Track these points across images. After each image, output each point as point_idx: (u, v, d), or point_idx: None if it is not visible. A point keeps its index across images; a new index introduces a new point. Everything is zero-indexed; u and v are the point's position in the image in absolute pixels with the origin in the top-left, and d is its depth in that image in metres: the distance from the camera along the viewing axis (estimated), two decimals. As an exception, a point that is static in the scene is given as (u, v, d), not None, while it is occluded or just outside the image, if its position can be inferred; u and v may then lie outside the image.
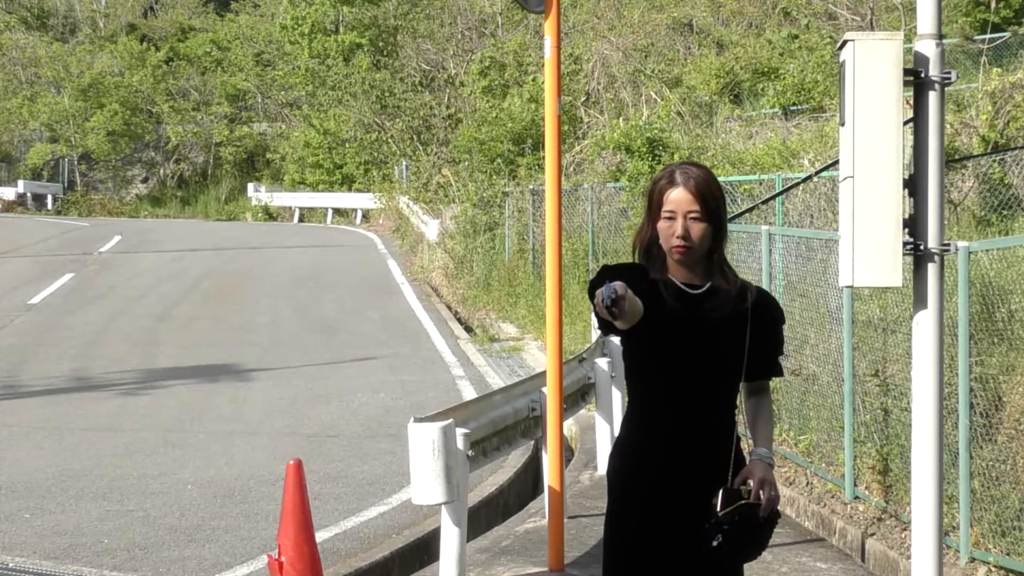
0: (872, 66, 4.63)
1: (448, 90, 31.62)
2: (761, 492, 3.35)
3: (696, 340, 3.39)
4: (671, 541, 3.39)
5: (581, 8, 28.20)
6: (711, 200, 3.38)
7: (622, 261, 3.57)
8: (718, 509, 3.32)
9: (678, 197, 3.37)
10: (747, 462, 3.46)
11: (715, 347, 3.41)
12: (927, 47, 4.74)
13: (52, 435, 10.34)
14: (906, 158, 4.82)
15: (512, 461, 9.26)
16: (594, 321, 9.01)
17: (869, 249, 4.66)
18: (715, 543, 3.30)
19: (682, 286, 3.42)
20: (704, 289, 3.43)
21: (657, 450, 3.42)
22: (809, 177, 10.33)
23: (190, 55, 45.70)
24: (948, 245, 4.80)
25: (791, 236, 9.14)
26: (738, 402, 3.56)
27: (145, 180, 44.40)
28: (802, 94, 19.01)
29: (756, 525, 3.34)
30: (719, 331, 3.42)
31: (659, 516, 3.40)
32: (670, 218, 3.38)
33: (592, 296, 3.17)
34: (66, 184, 43.65)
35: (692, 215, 3.36)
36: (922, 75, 4.72)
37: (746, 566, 3.51)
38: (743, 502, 3.32)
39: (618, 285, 3.04)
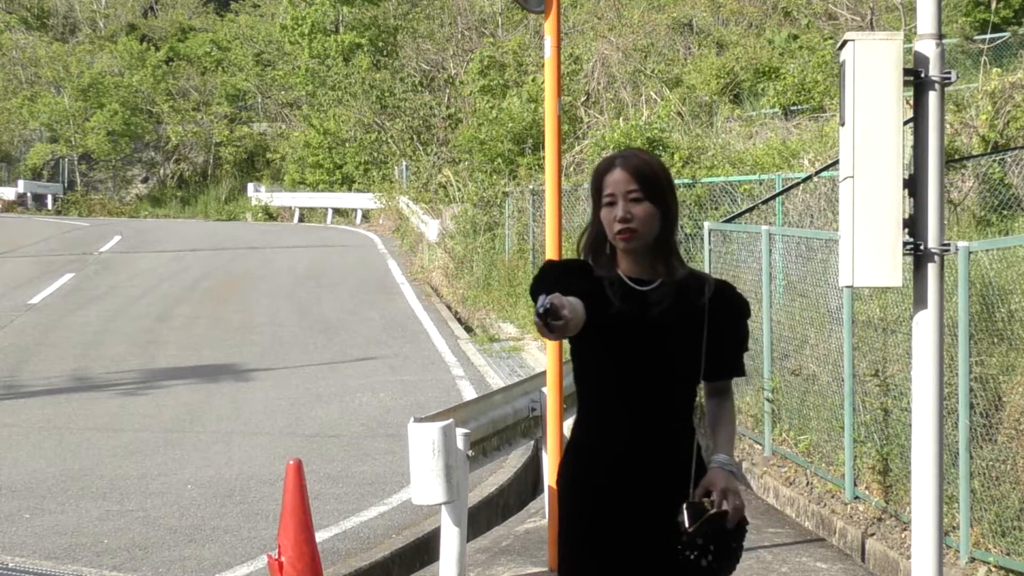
0: (872, 66, 4.63)
1: (448, 90, 31.63)
2: (725, 502, 3.11)
3: (645, 340, 3.16)
4: (626, 558, 3.17)
5: (581, 8, 28.21)
6: (652, 179, 3.16)
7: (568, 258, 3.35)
8: (686, 525, 3.10)
9: (615, 178, 3.16)
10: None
11: (667, 346, 3.17)
12: (927, 47, 4.74)
13: (52, 435, 10.34)
14: (906, 158, 4.83)
15: (512, 461, 9.26)
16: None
17: (869, 249, 4.66)
18: (693, 558, 3.10)
19: (629, 281, 3.19)
20: (654, 284, 3.20)
21: (606, 460, 3.19)
22: (809, 177, 10.34)
23: (190, 55, 45.73)
24: (948, 245, 4.80)
25: (791, 236, 9.14)
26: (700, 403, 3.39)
27: (145, 180, 44.41)
28: (802, 94, 19.03)
29: (726, 537, 3.15)
30: (672, 329, 3.18)
31: (611, 533, 3.17)
32: (611, 203, 3.16)
33: (535, 298, 3.00)
34: (66, 184, 43.66)
35: (632, 195, 3.14)
36: (922, 75, 4.72)
37: (746, 565, 3.49)
38: (710, 514, 3.10)
39: (554, 298, 2.79)
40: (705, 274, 3.31)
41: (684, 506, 3.11)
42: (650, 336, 3.16)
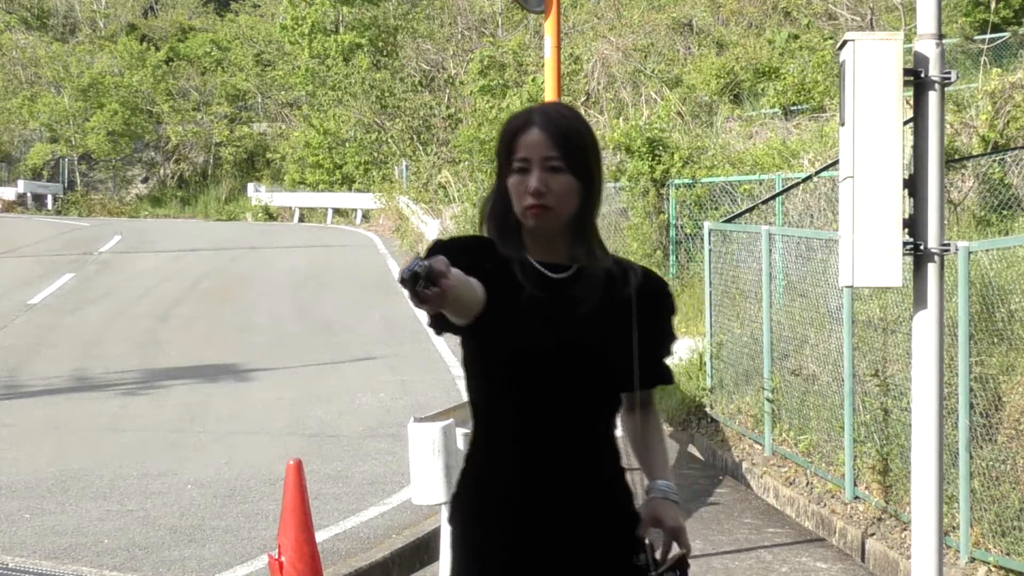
0: (872, 66, 4.64)
1: (448, 90, 31.65)
2: (676, 544, 2.59)
3: (561, 340, 2.56)
4: None
5: (581, 8, 28.23)
6: (577, 145, 2.55)
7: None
8: (652, 571, 2.58)
9: (532, 140, 2.54)
10: (643, 502, 2.65)
11: (592, 348, 2.57)
12: (927, 47, 4.74)
13: (52, 435, 10.34)
14: (906, 158, 4.83)
15: (512, 461, 9.26)
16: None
17: (869, 249, 4.67)
18: None
19: (540, 267, 2.59)
20: (570, 272, 2.60)
21: (503, 496, 2.58)
22: (809, 177, 10.35)
23: (190, 55, 45.75)
24: (948, 245, 4.80)
25: (791, 236, 9.15)
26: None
27: (145, 180, 44.43)
28: (802, 94, 19.05)
29: None
30: (596, 326, 2.58)
31: None
32: (523, 169, 2.54)
33: None
34: (66, 184, 43.67)
35: (551, 163, 2.52)
36: (922, 75, 4.73)
37: (746, 565, 3.46)
38: (673, 555, 2.59)
39: (437, 262, 2.20)
40: (630, 261, 2.73)
41: (646, 546, 2.60)
42: (567, 334, 2.56)
